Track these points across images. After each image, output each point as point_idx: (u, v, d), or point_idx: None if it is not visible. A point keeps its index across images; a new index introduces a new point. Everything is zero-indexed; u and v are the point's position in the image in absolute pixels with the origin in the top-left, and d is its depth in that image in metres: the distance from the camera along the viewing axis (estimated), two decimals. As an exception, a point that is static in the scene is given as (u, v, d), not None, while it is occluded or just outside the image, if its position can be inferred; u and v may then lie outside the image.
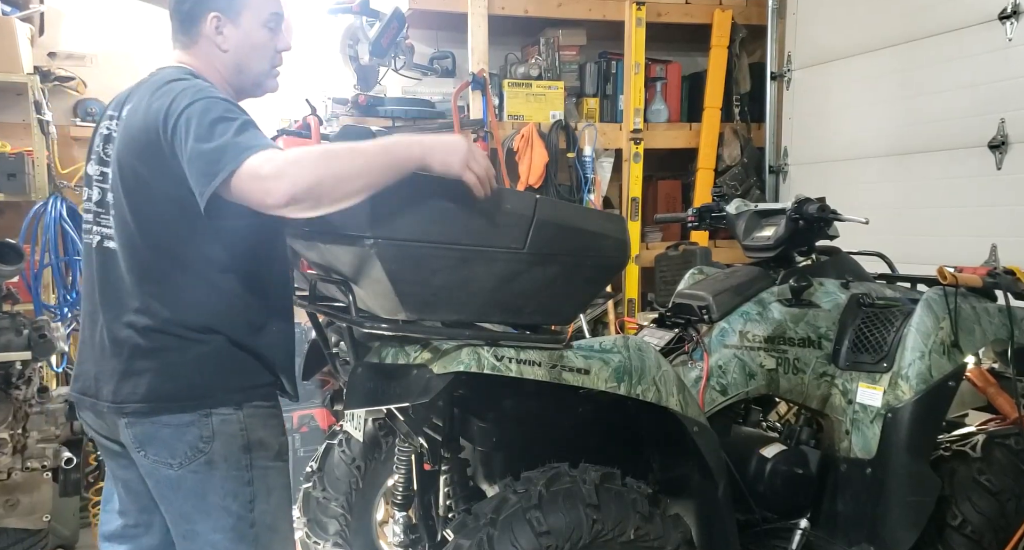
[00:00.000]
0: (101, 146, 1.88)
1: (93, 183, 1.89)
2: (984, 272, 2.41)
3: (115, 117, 1.85)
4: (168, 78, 1.79)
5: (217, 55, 1.90)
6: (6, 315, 3.07)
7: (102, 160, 1.86)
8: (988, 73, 3.57)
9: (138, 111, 1.76)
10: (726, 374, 2.33)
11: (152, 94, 1.76)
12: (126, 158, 1.77)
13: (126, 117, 1.80)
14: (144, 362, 1.79)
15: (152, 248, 1.78)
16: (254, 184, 1.57)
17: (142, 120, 1.74)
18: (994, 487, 2.32)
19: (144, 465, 1.84)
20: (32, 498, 3.13)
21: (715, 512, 2.15)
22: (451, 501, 2.25)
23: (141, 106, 1.76)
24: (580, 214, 2.01)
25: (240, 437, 1.83)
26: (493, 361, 1.85)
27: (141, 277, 1.80)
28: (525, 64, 4.64)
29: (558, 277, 1.90)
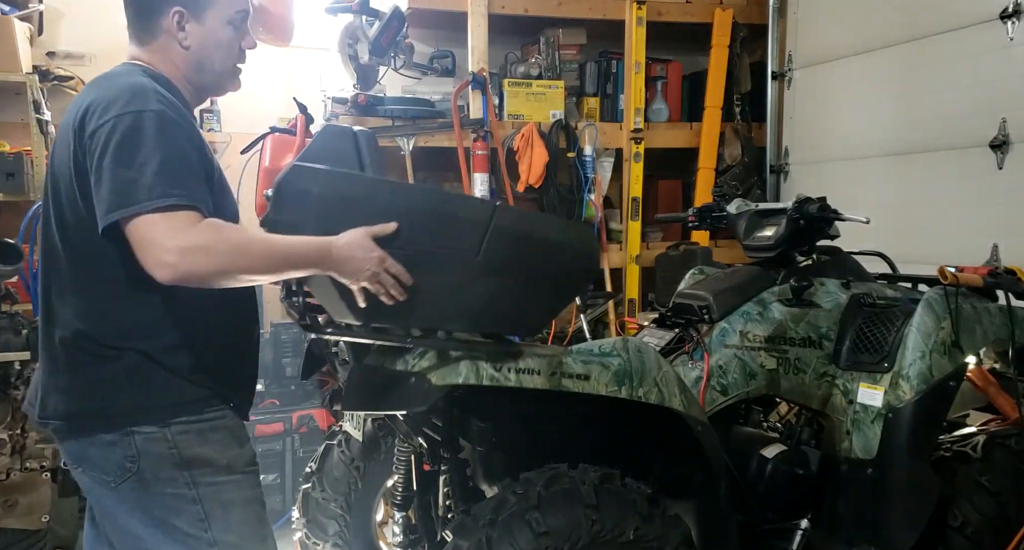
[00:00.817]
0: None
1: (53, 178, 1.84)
2: (985, 272, 2.41)
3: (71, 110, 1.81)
4: (111, 75, 1.74)
5: (178, 52, 1.82)
6: (5, 315, 3.07)
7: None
8: (989, 72, 3.56)
9: (69, 108, 1.73)
10: (727, 374, 2.32)
11: (87, 91, 1.71)
12: (55, 158, 1.73)
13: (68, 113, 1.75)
14: (63, 377, 1.73)
15: (68, 257, 1.72)
16: (150, 248, 1.54)
17: (68, 118, 1.70)
18: (995, 488, 2.32)
19: (83, 481, 1.79)
20: (31, 498, 3.12)
21: (715, 512, 2.14)
22: (450, 501, 2.24)
23: (75, 103, 1.72)
24: (543, 224, 1.92)
25: (170, 455, 1.73)
26: (492, 372, 1.85)
27: (60, 287, 1.74)
28: (525, 63, 4.63)
29: (516, 287, 1.85)
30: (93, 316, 1.71)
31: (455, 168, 4.39)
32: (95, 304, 1.71)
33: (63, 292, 1.72)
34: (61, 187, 1.70)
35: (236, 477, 1.80)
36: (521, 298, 1.87)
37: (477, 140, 4.32)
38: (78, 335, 1.71)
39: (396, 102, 4.23)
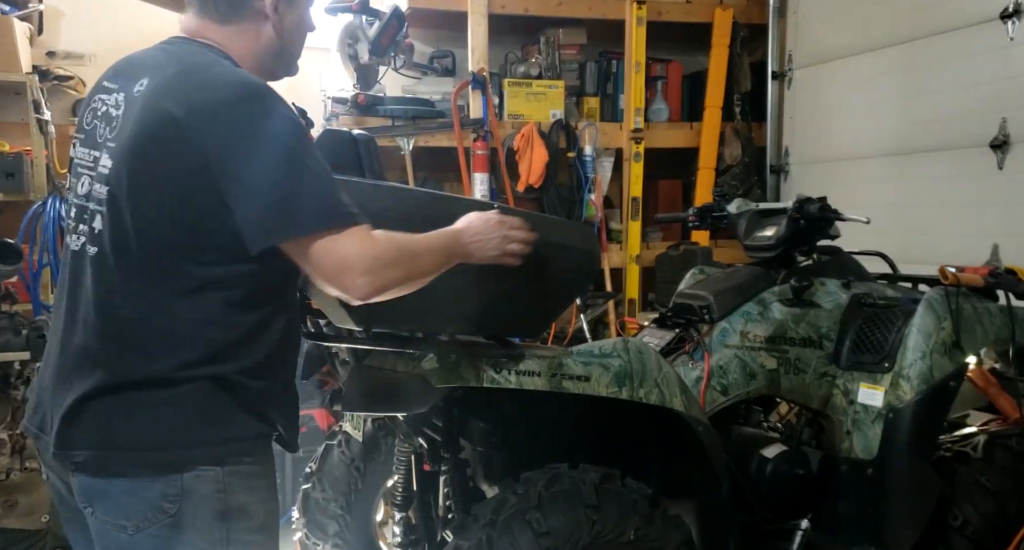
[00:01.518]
0: (95, 125, 1.54)
1: (81, 170, 1.55)
2: (985, 272, 2.40)
3: (116, 91, 1.53)
4: (204, 62, 1.51)
5: (264, 36, 1.62)
6: (5, 315, 3.06)
7: (95, 142, 1.52)
8: (989, 72, 3.56)
9: (163, 96, 1.44)
10: (727, 374, 2.32)
11: (184, 79, 1.46)
12: (138, 150, 1.44)
13: (142, 98, 1.46)
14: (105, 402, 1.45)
15: (143, 263, 1.45)
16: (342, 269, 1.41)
17: (170, 111, 1.42)
18: (995, 488, 2.32)
19: (92, 524, 1.48)
20: (31, 498, 3.12)
21: (716, 513, 2.14)
22: (451, 502, 2.24)
23: (167, 91, 1.45)
24: (543, 225, 1.87)
25: (217, 500, 1.46)
26: (492, 373, 1.85)
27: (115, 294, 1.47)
28: (525, 63, 4.63)
29: (518, 289, 1.84)
30: (162, 333, 1.46)
31: (455, 168, 4.39)
32: (167, 320, 1.46)
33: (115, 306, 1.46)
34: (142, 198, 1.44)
35: (262, 538, 1.55)
36: (522, 299, 1.87)
37: (477, 140, 4.32)
38: (140, 354, 1.45)
39: (396, 102, 4.24)
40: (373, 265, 1.43)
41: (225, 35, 1.58)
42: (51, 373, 1.53)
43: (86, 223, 1.51)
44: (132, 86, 1.50)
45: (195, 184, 1.41)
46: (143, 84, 1.48)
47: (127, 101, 1.49)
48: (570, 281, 1.96)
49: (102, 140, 1.51)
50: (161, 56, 1.54)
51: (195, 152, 1.40)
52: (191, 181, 1.41)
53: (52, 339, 1.58)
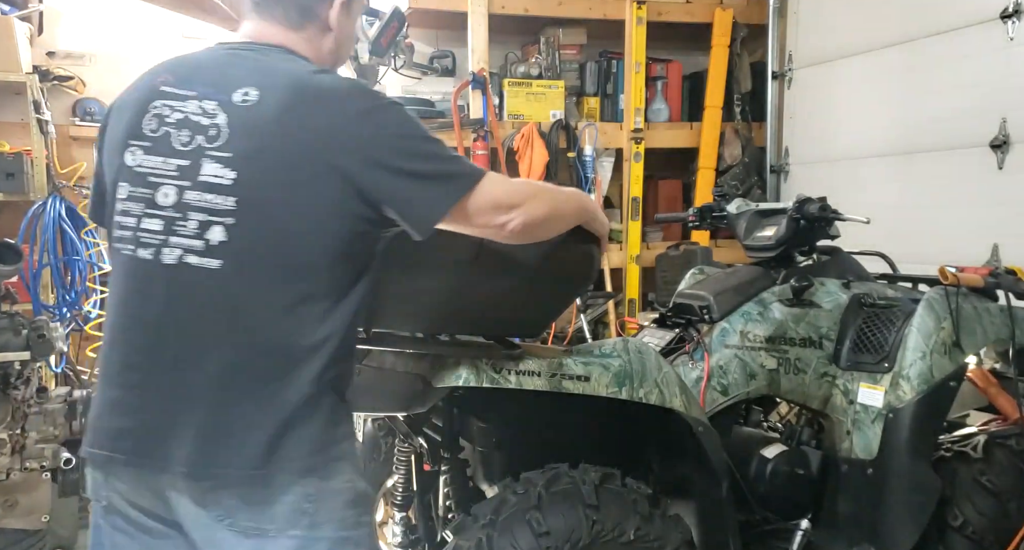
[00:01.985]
0: (167, 132, 1.49)
1: (154, 179, 1.48)
2: (985, 272, 2.41)
3: (193, 98, 1.49)
4: (308, 70, 1.52)
5: (326, 45, 1.65)
6: (5, 315, 3.06)
7: (174, 150, 1.47)
8: (989, 72, 3.56)
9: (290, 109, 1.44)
10: (727, 374, 2.32)
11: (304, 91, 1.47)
12: (279, 163, 1.43)
13: (260, 110, 1.45)
14: (248, 414, 1.43)
15: (279, 275, 1.44)
16: (494, 211, 1.53)
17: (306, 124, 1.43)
18: (995, 488, 2.32)
19: (223, 539, 1.45)
20: (31, 498, 3.12)
21: (716, 513, 2.14)
22: (451, 502, 2.24)
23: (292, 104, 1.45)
24: None
25: (346, 491, 1.51)
26: (492, 374, 1.85)
27: (247, 306, 1.44)
28: (525, 63, 4.64)
29: (517, 288, 1.83)
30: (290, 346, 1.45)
31: (455, 168, 4.38)
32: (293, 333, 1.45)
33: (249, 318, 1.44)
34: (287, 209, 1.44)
35: (371, 519, 1.61)
36: (522, 299, 1.86)
37: (477, 140, 4.32)
38: (273, 368, 1.44)
39: (396, 102, 4.23)
40: (520, 198, 1.56)
41: (296, 41, 1.60)
42: (161, 395, 1.45)
43: (189, 236, 1.44)
44: (228, 95, 1.47)
45: (344, 191, 1.44)
46: (249, 95, 1.46)
47: (229, 110, 1.46)
48: (570, 281, 1.94)
49: (190, 147, 1.46)
50: (251, 64, 1.52)
51: (342, 159, 1.43)
52: (340, 188, 1.44)
53: (139, 359, 1.48)
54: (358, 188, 1.44)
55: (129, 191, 1.49)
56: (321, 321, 1.46)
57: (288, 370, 1.44)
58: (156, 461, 1.43)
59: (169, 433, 1.42)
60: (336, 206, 1.44)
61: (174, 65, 1.58)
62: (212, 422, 1.42)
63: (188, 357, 1.43)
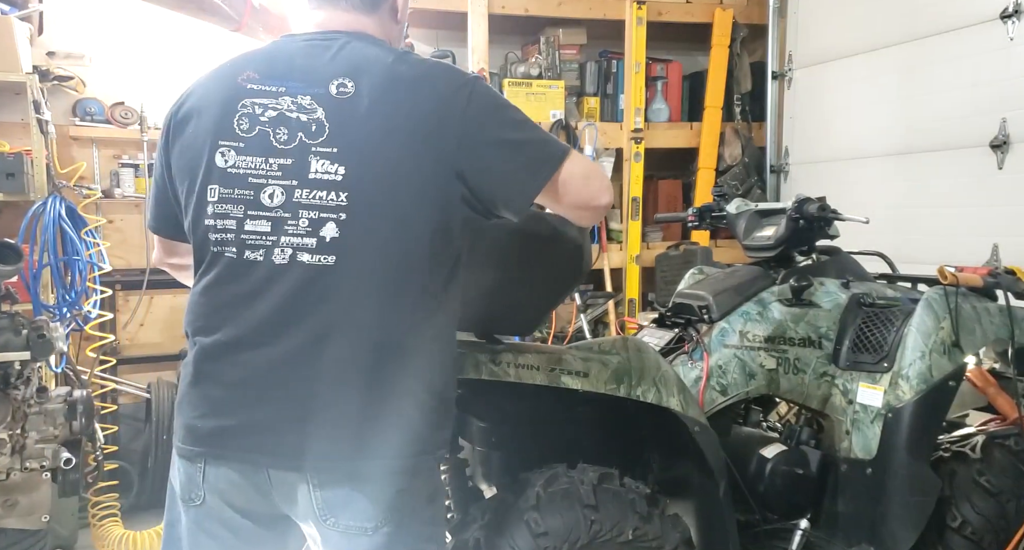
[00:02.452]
0: (263, 131, 1.47)
1: (256, 180, 1.46)
2: (985, 272, 2.41)
3: (283, 94, 1.48)
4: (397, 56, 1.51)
5: (396, 28, 1.67)
6: (5, 315, 3.06)
7: (273, 149, 1.45)
8: (989, 72, 3.57)
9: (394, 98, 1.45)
10: (726, 374, 2.32)
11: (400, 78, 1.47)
12: (388, 154, 1.43)
13: (365, 100, 1.44)
14: (364, 406, 1.44)
15: (392, 270, 1.44)
16: (585, 183, 1.53)
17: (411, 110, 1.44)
18: (994, 488, 2.32)
19: (327, 536, 1.49)
20: (31, 498, 3.12)
21: (715, 512, 2.14)
22: (450, 502, 2.24)
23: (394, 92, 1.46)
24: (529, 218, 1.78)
25: (428, 485, 1.55)
26: (491, 366, 1.84)
27: (362, 302, 1.43)
28: (525, 63, 4.64)
29: (506, 285, 1.82)
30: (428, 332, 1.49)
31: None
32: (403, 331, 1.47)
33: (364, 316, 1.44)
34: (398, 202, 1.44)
35: (444, 515, 1.65)
36: (512, 296, 1.86)
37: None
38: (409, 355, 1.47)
39: (396, 102, 4.23)
40: (603, 175, 1.59)
41: (370, 25, 1.59)
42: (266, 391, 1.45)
43: (301, 235, 1.43)
44: (324, 88, 1.46)
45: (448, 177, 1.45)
46: (346, 86, 1.46)
47: (326, 104, 1.45)
48: (559, 276, 1.90)
49: (291, 146, 1.45)
50: (338, 54, 1.50)
51: (444, 141, 1.44)
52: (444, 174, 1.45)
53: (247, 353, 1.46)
54: (460, 170, 1.45)
55: (222, 193, 1.47)
56: (432, 315, 1.50)
57: (400, 366, 1.45)
58: (266, 456, 1.44)
59: (280, 428, 1.43)
60: (441, 193, 1.46)
61: (254, 61, 1.54)
62: (325, 417, 1.43)
63: (301, 353, 1.43)
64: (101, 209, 4.17)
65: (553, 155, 1.51)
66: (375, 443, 1.44)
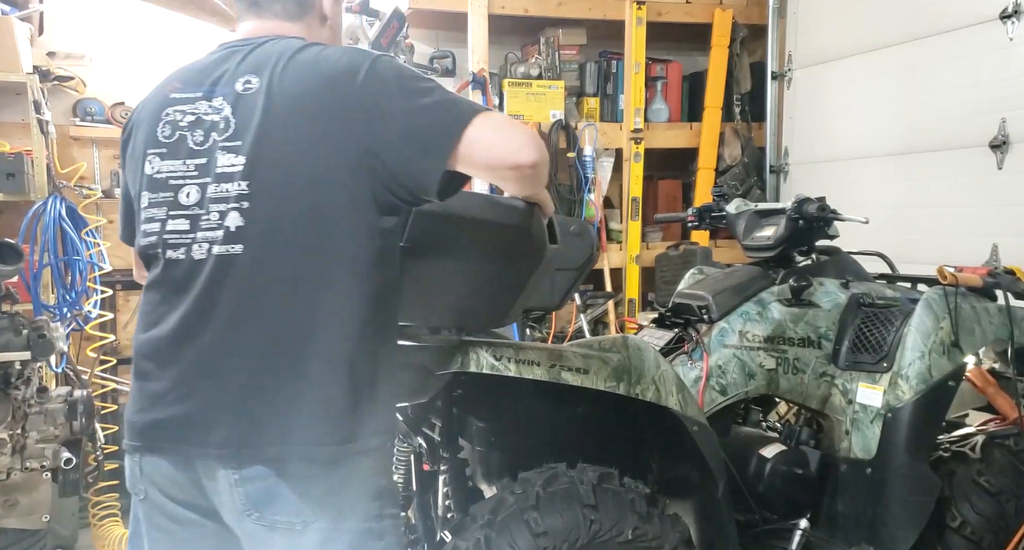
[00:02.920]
0: (182, 135, 1.52)
1: (175, 182, 1.51)
2: (984, 272, 2.41)
3: (199, 99, 1.52)
4: (306, 44, 1.53)
5: (321, 30, 1.68)
6: (5, 315, 3.06)
7: (191, 151, 1.50)
8: (989, 72, 3.57)
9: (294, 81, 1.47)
10: (726, 374, 2.32)
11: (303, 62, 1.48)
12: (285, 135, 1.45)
13: (266, 91, 1.47)
14: (282, 393, 1.44)
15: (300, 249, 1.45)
16: (500, 137, 1.43)
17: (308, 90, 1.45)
18: (993, 488, 2.32)
19: (253, 532, 1.48)
20: (31, 498, 3.12)
21: (714, 512, 2.14)
22: (450, 501, 2.24)
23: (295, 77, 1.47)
24: (475, 203, 1.73)
25: (372, 481, 1.52)
26: (492, 361, 1.84)
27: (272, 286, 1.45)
28: (525, 63, 4.64)
29: (456, 275, 1.73)
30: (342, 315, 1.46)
31: (455, 168, 4.38)
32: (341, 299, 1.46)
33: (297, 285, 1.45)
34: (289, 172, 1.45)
35: (399, 512, 1.61)
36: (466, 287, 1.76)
37: (477, 140, 4.31)
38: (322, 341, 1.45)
39: (396, 102, 4.23)
40: (529, 131, 1.47)
41: (300, 32, 1.62)
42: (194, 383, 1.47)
43: (212, 228, 1.46)
44: (230, 88, 1.50)
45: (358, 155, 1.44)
46: (250, 82, 1.49)
47: (236, 102, 1.49)
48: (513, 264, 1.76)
49: (205, 146, 1.49)
50: (250, 55, 1.54)
51: (345, 122, 1.43)
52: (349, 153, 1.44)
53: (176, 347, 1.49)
54: (368, 146, 1.43)
55: (150, 198, 1.53)
56: (357, 300, 1.47)
57: (317, 354, 1.44)
58: (193, 447, 1.46)
59: (207, 419, 1.45)
60: (353, 172, 1.45)
61: (180, 72, 1.61)
62: (244, 405, 1.43)
63: (221, 344, 1.45)
64: (101, 209, 4.17)
65: (459, 116, 1.43)
66: (289, 431, 1.43)
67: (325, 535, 1.46)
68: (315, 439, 1.44)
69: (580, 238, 2.06)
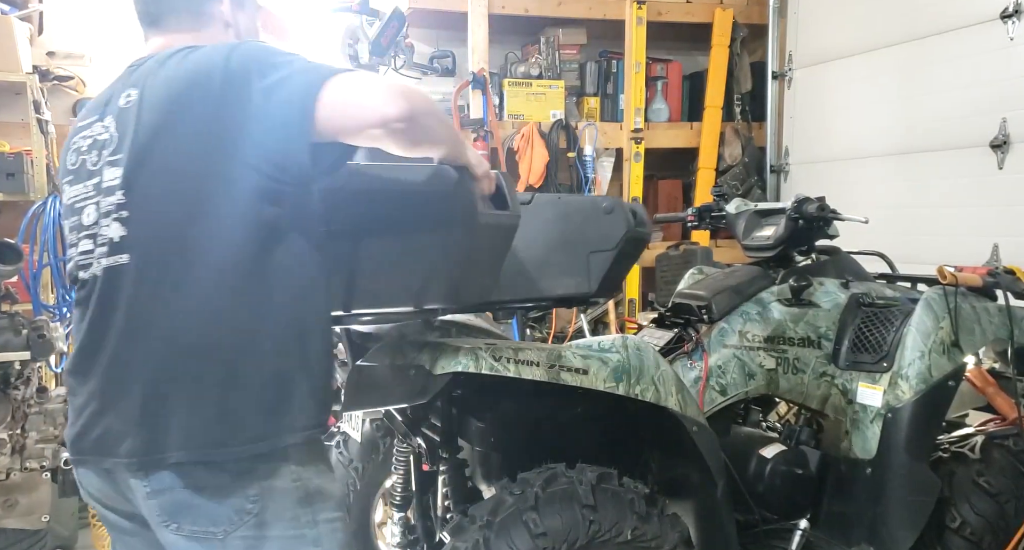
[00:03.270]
0: (82, 160, 1.54)
1: (79, 205, 1.53)
2: (984, 272, 2.41)
3: (95, 122, 1.54)
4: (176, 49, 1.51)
5: (229, 37, 1.65)
6: (5, 315, 3.06)
7: (88, 172, 1.52)
8: (989, 72, 3.56)
9: (165, 80, 1.45)
10: (725, 374, 2.32)
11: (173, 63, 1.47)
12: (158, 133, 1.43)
13: (141, 100, 1.47)
14: (180, 400, 1.40)
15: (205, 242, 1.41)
16: (359, 93, 1.37)
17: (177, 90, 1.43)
18: (993, 488, 2.32)
19: (175, 542, 1.45)
20: (31, 498, 3.12)
21: (714, 512, 2.14)
22: (449, 502, 2.24)
23: (165, 77, 1.46)
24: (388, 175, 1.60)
25: (295, 490, 1.46)
26: (491, 361, 1.84)
27: (167, 290, 1.41)
28: (525, 63, 4.64)
29: (388, 252, 1.64)
30: (231, 318, 1.42)
31: (455, 168, 4.38)
32: (232, 301, 1.41)
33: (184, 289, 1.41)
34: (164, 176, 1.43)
35: (342, 514, 1.56)
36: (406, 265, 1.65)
37: (477, 140, 4.32)
38: (210, 345, 1.41)
39: (396, 102, 4.23)
40: (391, 84, 1.40)
41: (202, 40, 1.57)
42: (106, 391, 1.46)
43: (104, 243, 1.47)
44: (115, 105, 1.51)
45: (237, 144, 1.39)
46: (130, 95, 1.49)
47: (118, 117, 1.50)
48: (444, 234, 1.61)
49: (98, 165, 1.50)
50: (137, 69, 1.55)
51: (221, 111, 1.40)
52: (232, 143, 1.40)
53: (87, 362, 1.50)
54: (234, 136, 1.39)
55: (68, 225, 1.56)
56: (243, 300, 1.42)
57: (211, 357, 1.41)
58: (108, 458, 1.45)
59: (117, 430, 1.43)
60: (222, 168, 1.40)
61: (87, 103, 1.64)
62: (147, 414, 1.41)
63: (123, 354, 1.44)
64: (101, 209, 4.17)
65: (311, 83, 1.36)
66: (190, 437, 1.40)
67: (249, 544, 1.43)
68: (215, 443, 1.40)
69: (612, 215, 1.95)
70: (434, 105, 1.48)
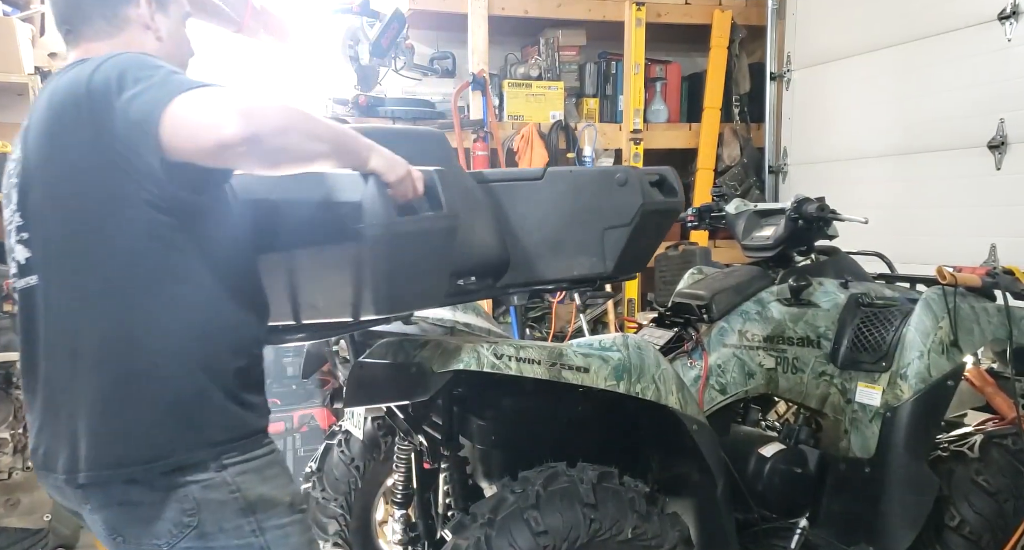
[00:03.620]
0: (8, 182, 1.55)
1: (8, 228, 1.53)
2: (983, 272, 2.41)
3: (20, 142, 1.53)
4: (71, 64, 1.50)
5: (149, 40, 1.59)
6: (6, 315, 3.07)
7: (7, 196, 1.53)
8: (987, 73, 3.58)
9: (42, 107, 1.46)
10: (725, 373, 2.33)
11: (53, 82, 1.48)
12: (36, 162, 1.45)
13: (29, 129, 1.48)
14: (96, 416, 1.41)
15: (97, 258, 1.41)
16: (206, 112, 1.27)
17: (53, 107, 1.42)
18: (992, 487, 2.32)
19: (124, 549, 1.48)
20: (33, 497, 3.13)
21: (714, 511, 2.15)
22: (450, 500, 2.25)
23: (41, 101, 1.47)
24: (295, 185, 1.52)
25: (233, 501, 1.45)
26: (493, 359, 1.84)
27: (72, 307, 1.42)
28: (525, 64, 4.65)
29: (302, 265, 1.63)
30: (129, 334, 1.40)
31: (455, 169, 4.39)
32: (137, 313, 1.40)
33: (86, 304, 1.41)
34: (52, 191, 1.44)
35: (298, 516, 1.55)
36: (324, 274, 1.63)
37: (477, 141, 4.33)
38: (110, 362, 1.40)
39: (397, 103, 4.25)
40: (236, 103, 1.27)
41: (120, 46, 1.53)
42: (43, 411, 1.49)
43: (15, 267, 1.51)
44: (25, 125, 1.53)
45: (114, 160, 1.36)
46: (33, 115, 1.50)
47: (23, 137, 1.51)
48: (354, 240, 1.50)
49: (8, 189, 1.53)
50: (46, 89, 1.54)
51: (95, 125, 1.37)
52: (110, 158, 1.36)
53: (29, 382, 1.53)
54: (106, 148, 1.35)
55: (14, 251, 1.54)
56: (141, 314, 1.40)
57: (118, 373, 1.40)
58: (51, 474, 1.47)
59: (53, 447, 1.46)
60: (104, 182, 1.38)
61: None
62: (73, 432, 1.42)
63: (49, 374, 1.47)
64: (102, 209, 4.17)
65: (158, 101, 1.28)
66: (110, 454, 1.40)
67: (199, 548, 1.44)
68: (135, 461, 1.40)
69: (626, 187, 1.85)
70: (300, 120, 1.34)
